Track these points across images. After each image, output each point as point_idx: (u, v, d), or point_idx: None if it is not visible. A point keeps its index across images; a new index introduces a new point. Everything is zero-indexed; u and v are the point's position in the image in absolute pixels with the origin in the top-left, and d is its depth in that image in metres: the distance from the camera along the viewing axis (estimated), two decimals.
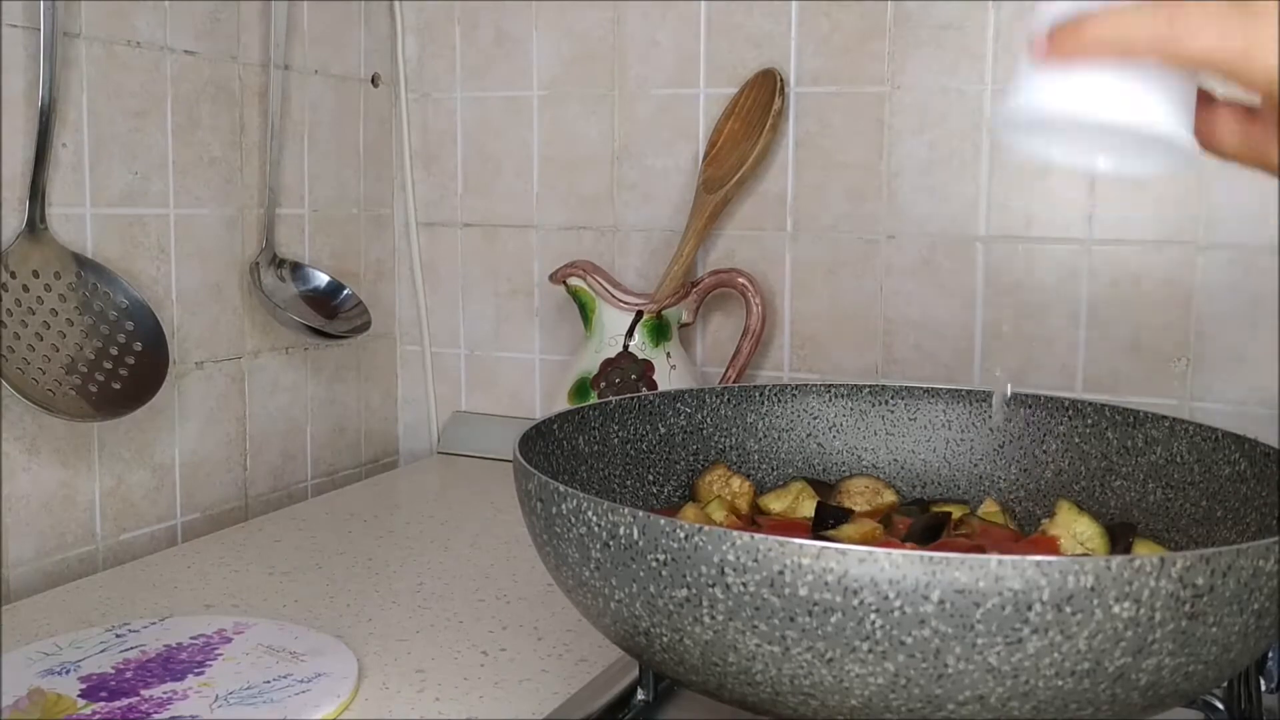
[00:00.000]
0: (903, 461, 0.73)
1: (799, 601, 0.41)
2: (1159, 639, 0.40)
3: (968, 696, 0.41)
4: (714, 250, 1.02)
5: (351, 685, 0.61)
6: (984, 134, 0.92)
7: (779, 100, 0.96)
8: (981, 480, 0.71)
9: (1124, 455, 0.65)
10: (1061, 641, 0.40)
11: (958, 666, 0.40)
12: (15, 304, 0.75)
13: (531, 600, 0.75)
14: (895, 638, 0.40)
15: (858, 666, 0.41)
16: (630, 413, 0.70)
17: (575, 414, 0.67)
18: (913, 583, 0.40)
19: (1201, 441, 0.61)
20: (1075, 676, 0.40)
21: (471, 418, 1.14)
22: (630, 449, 0.70)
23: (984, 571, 0.39)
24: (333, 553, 0.84)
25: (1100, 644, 0.40)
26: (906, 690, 0.42)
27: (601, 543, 0.46)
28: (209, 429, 0.94)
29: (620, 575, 0.46)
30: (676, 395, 0.72)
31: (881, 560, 0.40)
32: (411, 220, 1.14)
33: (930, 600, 0.39)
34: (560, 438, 0.65)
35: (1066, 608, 0.39)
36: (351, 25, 1.08)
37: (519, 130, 1.09)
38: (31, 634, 0.68)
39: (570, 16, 1.06)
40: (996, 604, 0.39)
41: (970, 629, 0.40)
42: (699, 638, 0.45)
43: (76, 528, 0.83)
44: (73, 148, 0.82)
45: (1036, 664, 0.40)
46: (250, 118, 0.96)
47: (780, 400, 0.74)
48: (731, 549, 0.42)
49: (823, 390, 0.74)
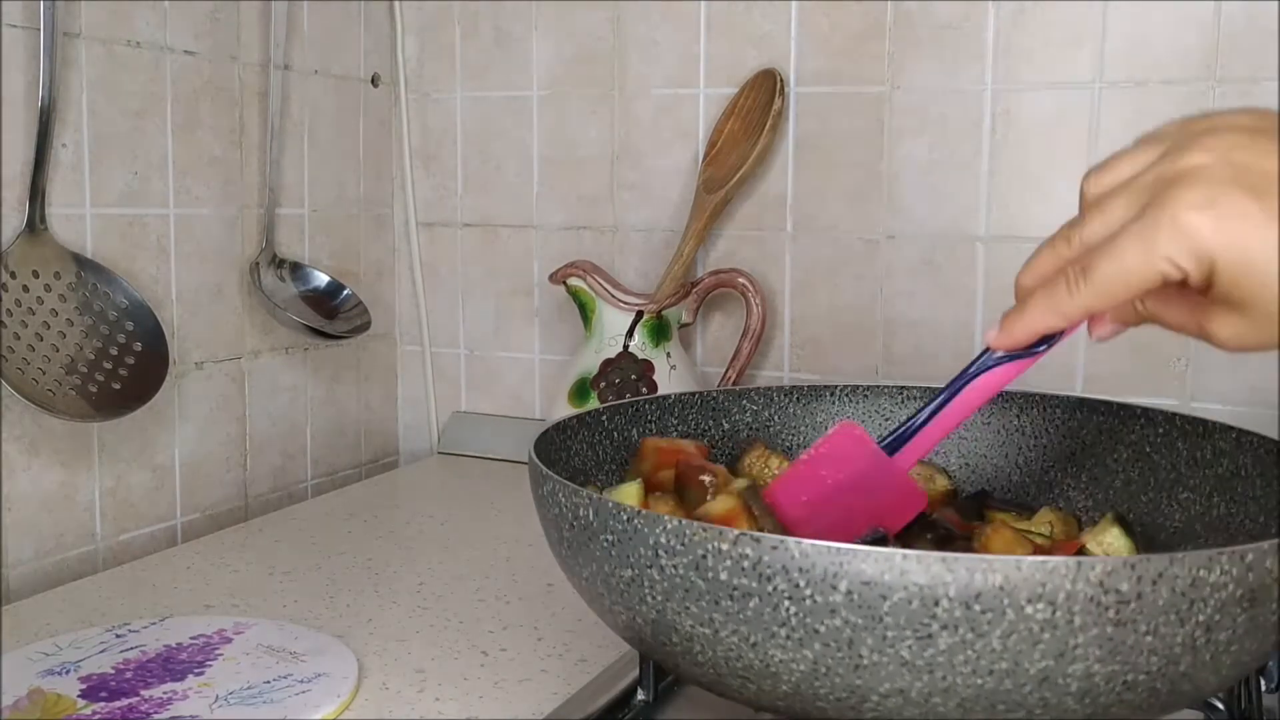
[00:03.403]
0: (974, 465, 0.72)
1: (721, 586, 0.43)
2: (1082, 644, 0.40)
3: (889, 689, 0.42)
4: (714, 250, 1.02)
5: (351, 685, 0.61)
6: (984, 134, 0.92)
7: (779, 100, 0.96)
8: (1051, 488, 0.69)
9: (1192, 467, 0.63)
10: (974, 639, 0.40)
11: (872, 658, 0.41)
12: (15, 304, 0.75)
13: (531, 600, 0.75)
14: (810, 625, 0.41)
15: (780, 652, 0.43)
16: (692, 408, 0.70)
17: (629, 407, 0.68)
18: (821, 572, 0.41)
19: (1265, 454, 0.60)
20: (994, 676, 0.40)
21: (471, 418, 1.14)
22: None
23: (889, 565, 0.40)
24: (333, 553, 0.84)
25: (1016, 644, 0.40)
26: (828, 679, 0.42)
27: (568, 523, 0.49)
28: (209, 429, 0.94)
29: (584, 554, 0.49)
30: (743, 393, 0.72)
31: (792, 549, 0.41)
32: (411, 220, 1.14)
33: (839, 590, 0.40)
34: (610, 429, 0.65)
35: (975, 605, 0.39)
36: (351, 25, 1.08)
37: (519, 130, 1.09)
38: (31, 634, 0.68)
39: (570, 16, 1.06)
40: (903, 598, 0.40)
41: (879, 621, 0.40)
42: (646, 616, 0.47)
43: (76, 528, 0.83)
44: (73, 148, 0.82)
45: (950, 660, 0.40)
46: (250, 118, 0.96)
47: (852, 400, 0.74)
48: (664, 532, 0.44)
49: (895, 392, 0.73)
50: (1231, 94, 0.85)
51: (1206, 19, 0.85)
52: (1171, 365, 0.89)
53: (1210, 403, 0.88)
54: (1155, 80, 0.87)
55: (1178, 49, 0.86)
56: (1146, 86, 0.87)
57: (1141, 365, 0.89)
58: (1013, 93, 0.91)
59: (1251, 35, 0.84)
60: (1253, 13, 0.84)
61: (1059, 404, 0.70)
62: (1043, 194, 0.91)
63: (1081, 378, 0.91)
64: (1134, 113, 0.88)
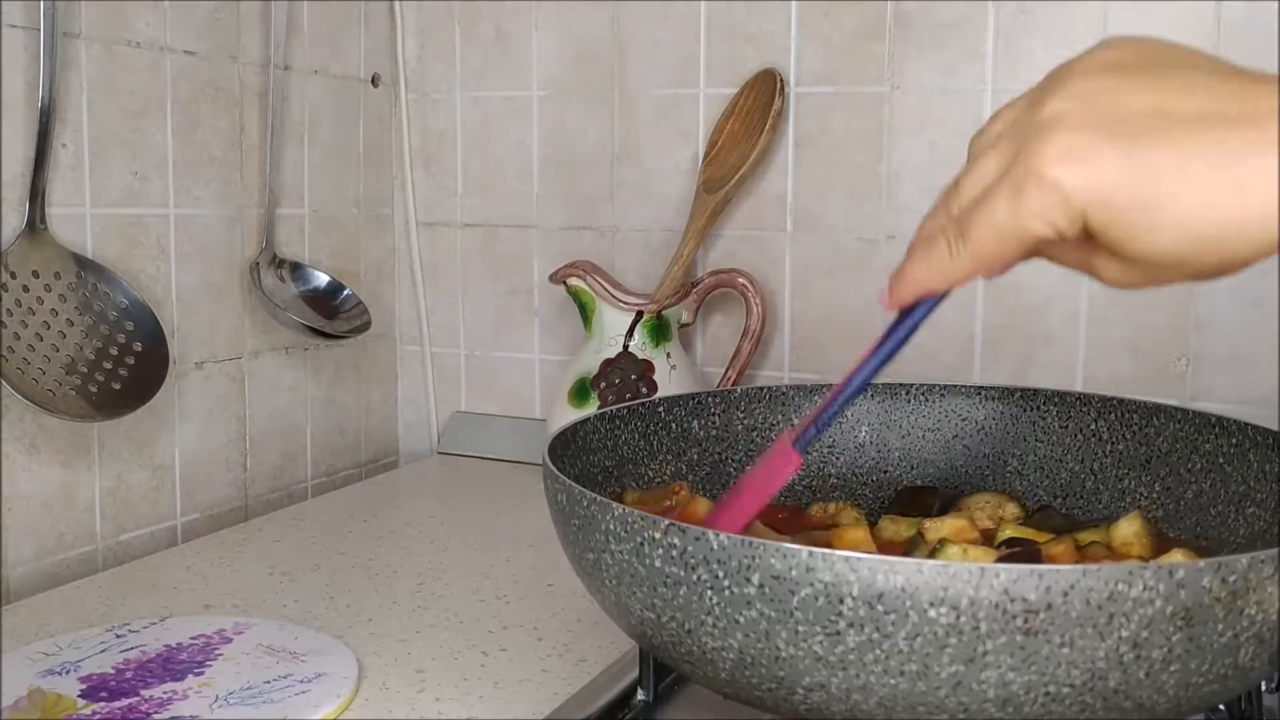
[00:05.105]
0: (1049, 470, 0.70)
1: (656, 572, 0.44)
2: (991, 651, 0.39)
3: (810, 683, 0.43)
4: (714, 250, 1.02)
5: (351, 685, 0.61)
6: None
7: (779, 100, 0.96)
8: (1124, 495, 0.68)
9: (1261, 481, 0.61)
10: (880, 639, 0.40)
11: (789, 650, 0.42)
12: (15, 304, 0.75)
13: (531, 600, 0.75)
14: (730, 615, 0.43)
15: (710, 640, 0.44)
16: (758, 402, 0.71)
17: (690, 399, 0.68)
18: (736, 564, 0.42)
19: None
20: (906, 677, 0.41)
21: (471, 418, 1.14)
22: (757, 437, 0.71)
23: (795, 560, 0.41)
24: (333, 553, 0.84)
25: (922, 646, 0.40)
26: (755, 669, 0.44)
27: (552, 505, 0.52)
28: (209, 429, 0.94)
29: (562, 534, 0.52)
30: (813, 388, 0.72)
31: (710, 540, 0.42)
32: (411, 220, 1.14)
33: (752, 583, 0.41)
34: (668, 419, 0.67)
35: (879, 605, 0.40)
36: (351, 25, 1.08)
37: (519, 130, 1.10)
38: (31, 634, 0.68)
39: (570, 16, 1.06)
40: (810, 594, 0.41)
41: (790, 615, 0.41)
42: (606, 598, 0.49)
43: (76, 528, 0.83)
44: (73, 148, 0.82)
45: (861, 658, 0.41)
46: (250, 118, 0.96)
47: (927, 399, 0.73)
48: (611, 519, 0.46)
49: (972, 392, 0.73)
50: None
51: (1206, 19, 0.85)
52: (1172, 366, 0.89)
53: (1210, 403, 0.88)
54: None
55: None
56: None
57: (1142, 365, 0.89)
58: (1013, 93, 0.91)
59: (1251, 35, 0.84)
60: (1253, 13, 0.84)
61: (1136, 409, 0.68)
62: None
63: (1081, 378, 0.91)
64: None
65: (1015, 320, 0.93)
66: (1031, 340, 0.92)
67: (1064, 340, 0.91)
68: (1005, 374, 0.93)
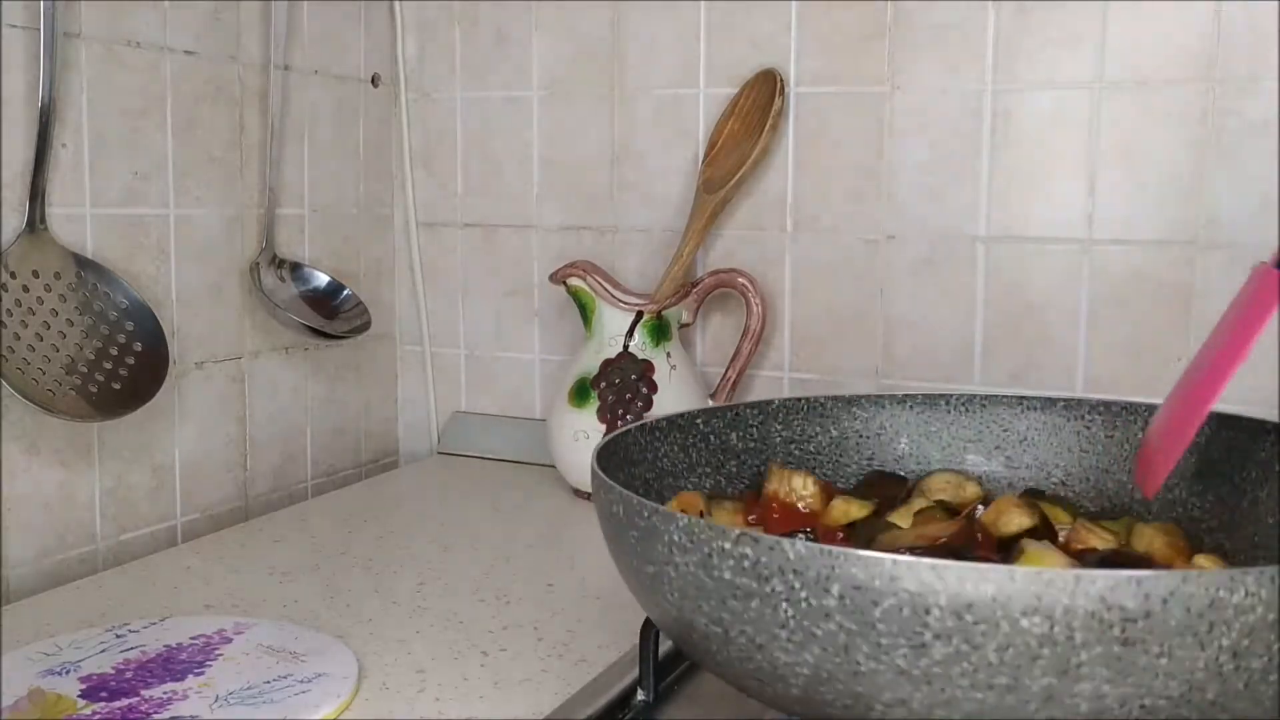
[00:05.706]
0: (1094, 480, 0.69)
1: (726, 585, 0.43)
2: (1086, 662, 0.38)
3: (890, 699, 0.41)
4: (714, 250, 1.02)
5: (351, 685, 0.61)
6: (984, 134, 0.92)
7: (779, 100, 0.96)
8: (1174, 505, 0.65)
9: None
10: (969, 651, 0.39)
11: (869, 665, 0.40)
12: (15, 304, 0.75)
13: (531, 600, 0.75)
14: (806, 628, 0.41)
15: (783, 655, 0.42)
16: (796, 413, 0.69)
17: (728, 410, 0.67)
18: (814, 575, 0.40)
19: None
20: (995, 691, 0.39)
21: (471, 418, 1.14)
22: (795, 449, 0.69)
23: (879, 569, 0.39)
24: (333, 553, 0.84)
25: (1014, 659, 0.38)
26: (830, 685, 0.42)
27: (605, 516, 0.50)
28: (209, 429, 0.94)
29: (616, 547, 0.50)
30: (852, 399, 0.71)
31: (786, 549, 0.41)
32: (411, 220, 1.14)
33: (831, 594, 0.40)
34: (706, 432, 0.66)
35: (967, 615, 0.38)
36: (351, 25, 1.08)
37: (519, 130, 1.09)
38: (31, 634, 0.68)
39: (570, 16, 1.06)
40: (894, 604, 0.39)
41: (872, 627, 0.40)
42: (667, 613, 0.47)
43: (76, 528, 0.83)
44: (73, 148, 0.82)
45: (947, 671, 0.39)
46: (250, 118, 0.96)
47: (968, 410, 0.72)
48: (676, 530, 0.44)
49: (1014, 402, 0.71)
50: (1231, 94, 0.85)
51: (1206, 19, 0.85)
52: (1172, 365, 0.89)
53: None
54: (1155, 80, 0.87)
55: (1178, 49, 0.86)
56: (1146, 86, 0.87)
57: (1141, 365, 0.89)
58: (1013, 93, 0.91)
59: (1251, 35, 0.84)
60: (1253, 13, 0.84)
61: None
62: (1043, 194, 0.91)
63: (1082, 378, 0.91)
64: (1134, 113, 0.88)
65: (1015, 321, 0.93)
66: (1032, 341, 0.92)
67: (1064, 340, 0.91)
68: (1005, 375, 0.93)
